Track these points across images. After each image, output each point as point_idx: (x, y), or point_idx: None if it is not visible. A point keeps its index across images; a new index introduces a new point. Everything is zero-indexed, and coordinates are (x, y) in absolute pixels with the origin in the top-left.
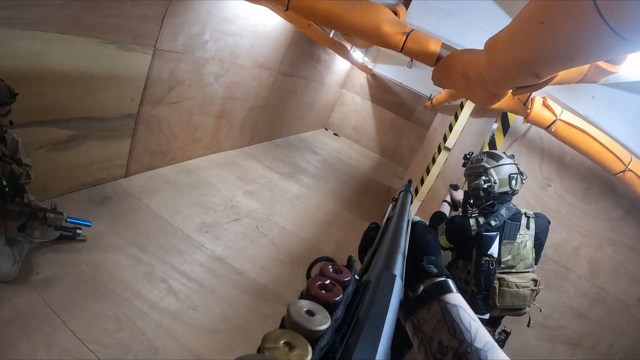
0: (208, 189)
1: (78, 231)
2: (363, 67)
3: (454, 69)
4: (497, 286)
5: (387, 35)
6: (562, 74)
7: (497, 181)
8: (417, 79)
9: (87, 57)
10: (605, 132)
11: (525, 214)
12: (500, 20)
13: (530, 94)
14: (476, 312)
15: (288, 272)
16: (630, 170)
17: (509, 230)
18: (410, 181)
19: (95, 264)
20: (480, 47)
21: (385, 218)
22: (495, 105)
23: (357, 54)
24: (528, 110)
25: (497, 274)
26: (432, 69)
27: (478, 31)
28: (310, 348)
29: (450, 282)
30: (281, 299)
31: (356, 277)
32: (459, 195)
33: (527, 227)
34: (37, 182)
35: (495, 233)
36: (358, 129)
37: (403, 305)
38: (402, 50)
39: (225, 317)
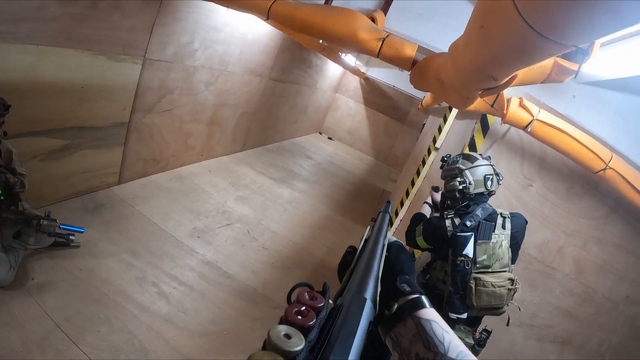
0: (200, 195)
1: (71, 237)
2: (356, 71)
3: (429, 73)
4: (473, 286)
5: (363, 41)
6: (523, 75)
7: (472, 182)
8: (410, 82)
9: (78, 68)
10: (587, 130)
11: (501, 214)
12: None
13: (498, 95)
14: (454, 312)
15: (278, 276)
16: (610, 168)
17: (483, 230)
18: (388, 202)
19: (88, 270)
20: None
21: (363, 240)
22: (473, 107)
23: (350, 58)
24: (504, 112)
25: (473, 274)
26: (409, 73)
27: (456, 34)
28: None
29: (423, 298)
30: (270, 302)
31: (330, 301)
32: (439, 197)
33: (503, 227)
34: (32, 190)
35: (470, 233)
36: (352, 133)
37: (381, 322)
38: (378, 55)
39: (215, 319)
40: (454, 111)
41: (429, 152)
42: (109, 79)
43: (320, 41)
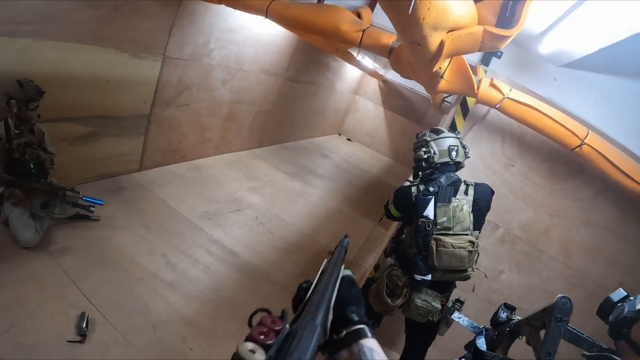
0: (214, 184)
1: (92, 209)
2: (374, 74)
3: (403, 58)
4: (434, 246)
5: (345, 33)
6: (455, 44)
7: (436, 152)
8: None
9: (104, 64)
10: (572, 113)
11: (465, 181)
12: None
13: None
14: (418, 273)
15: (280, 257)
16: (586, 144)
17: (443, 194)
18: (346, 236)
19: (105, 239)
20: None
21: (320, 271)
22: (445, 88)
23: (367, 61)
24: (475, 91)
25: (434, 235)
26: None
27: None
28: None
29: (366, 329)
30: (269, 278)
31: (287, 326)
32: None
33: (466, 193)
34: (59, 171)
35: (430, 196)
36: (371, 134)
37: (329, 346)
38: (360, 45)
39: (215, 288)
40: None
41: None
42: (131, 74)
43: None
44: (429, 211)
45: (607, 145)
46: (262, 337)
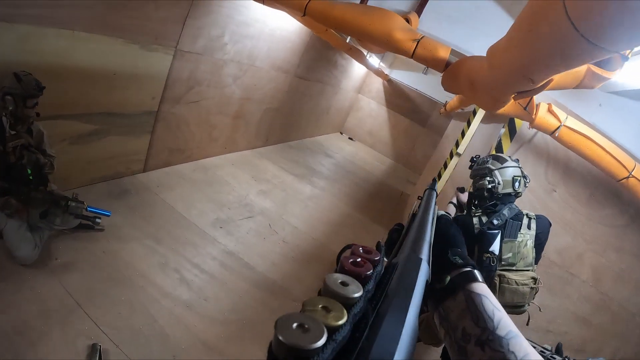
0: (223, 186)
1: (97, 220)
2: (379, 73)
3: (461, 75)
4: (497, 282)
5: (398, 41)
6: (558, 79)
7: (500, 182)
8: (432, 86)
9: (111, 55)
10: (612, 139)
11: (527, 214)
12: (507, 27)
13: (531, 99)
14: None
15: (297, 269)
16: (633, 176)
17: (510, 228)
18: (434, 179)
19: (111, 252)
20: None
21: (411, 215)
22: (502, 111)
23: (374, 59)
24: (533, 116)
25: (497, 271)
26: (442, 74)
27: (486, 37)
28: (345, 311)
29: (476, 272)
30: (289, 294)
31: (385, 259)
32: (465, 197)
33: (529, 227)
34: (59, 172)
35: (497, 231)
36: (373, 134)
37: (431, 296)
38: (412, 56)
39: (235, 308)
40: (479, 116)
41: (451, 156)
42: (141, 68)
43: (348, 40)
44: (495, 247)
45: None
46: (355, 267)
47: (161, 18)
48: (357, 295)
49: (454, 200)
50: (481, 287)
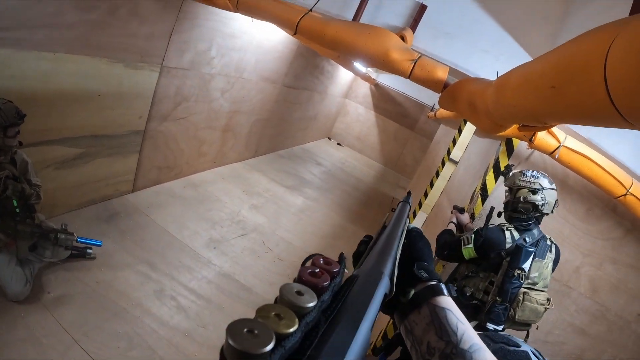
0: (214, 203)
1: (89, 251)
2: (366, 77)
3: (461, 96)
4: (521, 299)
5: (395, 62)
6: None
7: (547, 202)
8: (420, 89)
9: (95, 76)
10: (608, 154)
11: (550, 238)
12: (504, 44)
13: (535, 132)
14: (494, 323)
15: None
16: (631, 194)
17: (542, 249)
18: (409, 193)
19: (105, 282)
20: (485, 70)
21: (382, 226)
22: (504, 133)
23: (360, 65)
24: (533, 138)
25: (522, 288)
26: (439, 94)
27: (483, 54)
28: (297, 320)
29: (441, 285)
30: None
31: (346, 270)
32: (465, 218)
33: (550, 250)
34: (46, 199)
35: (532, 249)
36: (361, 139)
37: (397, 310)
38: (409, 76)
39: None
40: (470, 124)
41: (443, 164)
42: (126, 87)
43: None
44: (528, 264)
45: None
46: (313, 277)
47: (146, 34)
48: (310, 305)
49: (454, 220)
50: (446, 301)
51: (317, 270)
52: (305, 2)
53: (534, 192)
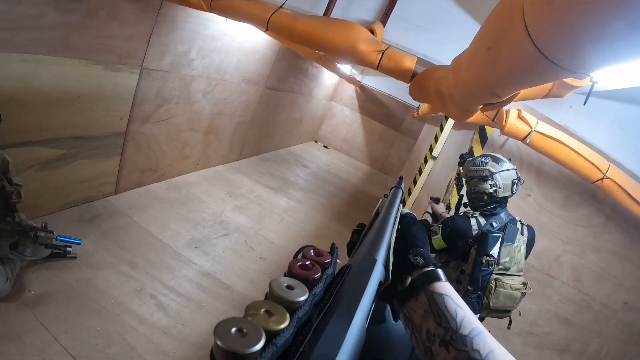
0: (197, 204)
1: (68, 249)
2: (351, 80)
3: (428, 85)
4: (493, 286)
5: (362, 53)
6: (525, 92)
7: (501, 186)
8: (404, 90)
9: (75, 77)
10: (585, 140)
11: (520, 220)
12: (474, 33)
13: (498, 110)
14: None
15: None
16: (608, 177)
17: (509, 232)
18: (401, 178)
19: (85, 281)
20: None
21: (374, 213)
22: (472, 119)
23: (345, 67)
24: (503, 123)
25: (493, 275)
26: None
27: (455, 45)
28: (288, 315)
29: (438, 271)
30: None
31: (339, 261)
32: (440, 208)
33: (522, 233)
34: (28, 200)
35: (499, 234)
36: (348, 141)
37: (395, 298)
38: (377, 67)
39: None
40: (451, 120)
41: (426, 161)
42: (106, 89)
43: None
44: (496, 250)
45: (627, 179)
46: (303, 270)
47: (125, 36)
48: (301, 298)
49: (429, 210)
50: (444, 286)
51: (308, 262)
52: (277, 1)
53: (484, 179)
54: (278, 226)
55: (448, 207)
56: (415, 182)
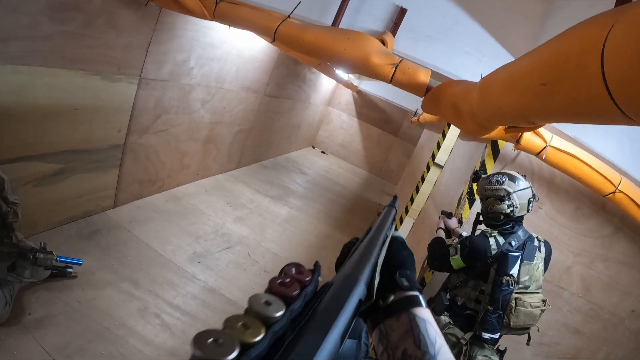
0: (198, 216)
1: (69, 270)
2: (348, 85)
3: (444, 99)
4: (513, 305)
5: (375, 66)
6: None
7: (518, 206)
8: (402, 94)
9: (72, 89)
10: (595, 152)
11: (537, 237)
12: (486, 45)
13: (522, 133)
14: (489, 332)
15: None
16: (620, 191)
17: (529, 251)
18: (395, 197)
19: (87, 302)
20: (468, 72)
21: (367, 230)
22: (489, 136)
23: (342, 72)
24: (518, 139)
25: (513, 294)
26: (422, 98)
27: (465, 56)
28: (263, 329)
29: (421, 297)
30: None
31: (321, 279)
32: (453, 223)
33: (539, 250)
34: (25, 217)
35: (518, 253)
36: (345, 146)
37: (372, 313)
38: (391, 81)
39: None
40: (454, 129)
41: (428, 169)
42: (104, 100)
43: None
44: (515, 269)
45: (638, 191)
46: (282, 287)
47: (123, 46)
48: (278, 314)
49: (442, 226)
50: (425, 313)
51: (288, 280)
52: (284, 9)
53: (501, 199)
54: (280, 237)
55: (460, 222)
56: (417, 189)
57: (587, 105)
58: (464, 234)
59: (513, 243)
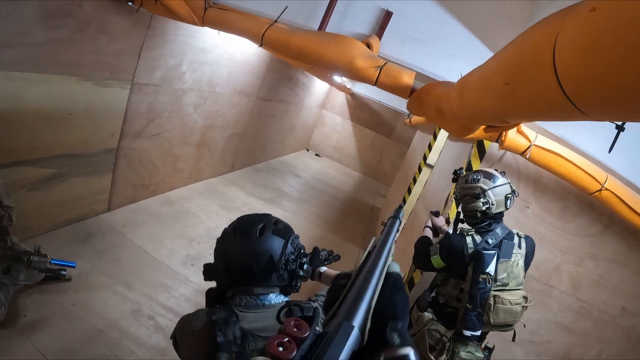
0: (191, 219)
1: (63, 272)
2: (342, 87)
3: (428, 101)
4: (492, 303)
5: (360, 69)
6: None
7: (494, 203)
8: (395, 97)
9: (65, 94)
10: (581, 150)
11: (517, 234)
12: (472, 46)
13: (502, 132)
14: (470, 330)
15: None
16: (606, 189)
17: (505, 249)
18: (400, 206)
19: (82, 304)
20: (453, 74)
21: (367, 252)
22: (473, 136)
23: (334, 74)
24: (502, 138)
25: (492, 291)
26: (407, 99)
27: (451, 59)
28: None
29: (412, 355)
30: None
31: (317, 328)
32: (440, 221)
33: (519, 246)
34: (20, 221)
35: (494, 251)
36: (339, 149)
37: None
38: (376, 83)
39: None
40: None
41: (420, 170)
42: (97, 105)
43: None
44: (492, 267)
45: (625, 189)
46: (280, 349)
47: (115, 51)
48: None
49: (429, 224)
50: None
51: (286, 339)
52: (272, 14)
53: (477, 197)
54: None
55: (447, 221)
56: (409, 191)
57: (545, 102)
58: (450, 232)
59: (490, 241)
